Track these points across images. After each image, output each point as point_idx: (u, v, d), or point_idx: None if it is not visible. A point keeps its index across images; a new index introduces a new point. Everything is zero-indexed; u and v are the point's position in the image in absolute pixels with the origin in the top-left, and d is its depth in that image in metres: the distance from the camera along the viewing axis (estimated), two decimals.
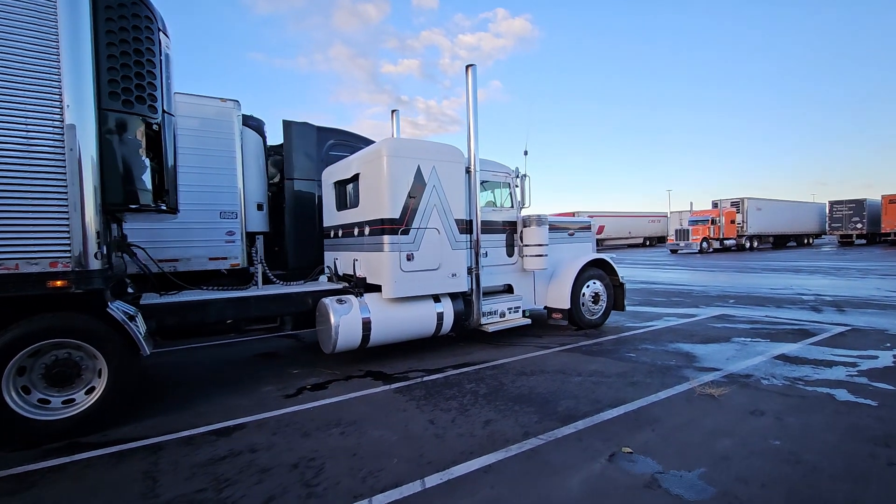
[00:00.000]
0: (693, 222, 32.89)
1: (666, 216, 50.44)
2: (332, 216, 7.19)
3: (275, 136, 8.78)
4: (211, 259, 7.96)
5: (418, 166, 5.84)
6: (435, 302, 6.16)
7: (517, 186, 7.35)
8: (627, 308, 9.59)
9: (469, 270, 6.38)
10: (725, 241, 32.82)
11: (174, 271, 7.72)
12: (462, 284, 6.26)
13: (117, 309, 4.12)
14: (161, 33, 4.74)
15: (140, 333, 4.21)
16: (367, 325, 5.56)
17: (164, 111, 4.72)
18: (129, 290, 5.70)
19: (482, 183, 7.22)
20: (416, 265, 5.82)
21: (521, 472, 3.19)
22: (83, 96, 3.95)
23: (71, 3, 3.88)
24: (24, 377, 3.92)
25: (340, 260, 6.82)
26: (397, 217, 5.68)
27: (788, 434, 3.66)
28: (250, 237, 9.32)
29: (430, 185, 5.94)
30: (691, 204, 39.70)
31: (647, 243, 48.51)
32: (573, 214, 41.26)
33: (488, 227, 6.84)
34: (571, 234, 8.23)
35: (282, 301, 5.71)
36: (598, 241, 43.28)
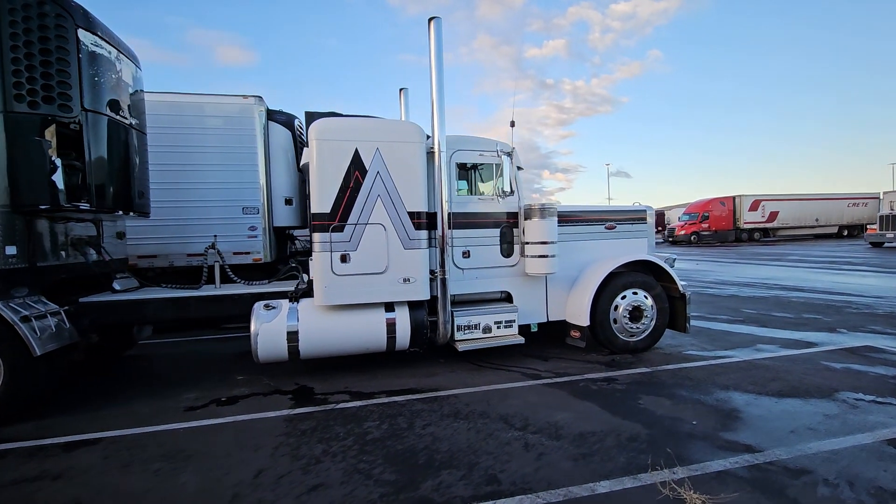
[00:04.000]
0: None
1: (877, 198, 38.52)
2: None
3: None
4: (235, 254, 8.14)
5: (356, 149, 4.89)
6: (387, 311, 5.16)
7: (518, 167, 5.81)
8: (718, 327, 7.19)
9: (433, 274, 5.21)
10: None
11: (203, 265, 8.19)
12: (419, 291, 5.13)
13: (7, 309, 4.16)
14: (81, 30, 4.68)
15: (34, 333, 4.20)
16: (293, 335, 4.87)
17: (85, 109, 4.68)
18: (116, 286, 5.99)
19: (475, 167, 5.91)
20: (354, 268, 4.91)
21: None
22: None
23: None
24: None
25: None
26: (327, 212, 4.84)
27: None
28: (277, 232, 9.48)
29: (373, 172, 4.93)
30: None
31: (845, 233, 37.67)
32: (734, 199, 34.36)
33: (470, 221, 5.52)
34: (611, 228, 6.28)
35: (222, 303, 5.38)
36: (767, 230, 35.74)
